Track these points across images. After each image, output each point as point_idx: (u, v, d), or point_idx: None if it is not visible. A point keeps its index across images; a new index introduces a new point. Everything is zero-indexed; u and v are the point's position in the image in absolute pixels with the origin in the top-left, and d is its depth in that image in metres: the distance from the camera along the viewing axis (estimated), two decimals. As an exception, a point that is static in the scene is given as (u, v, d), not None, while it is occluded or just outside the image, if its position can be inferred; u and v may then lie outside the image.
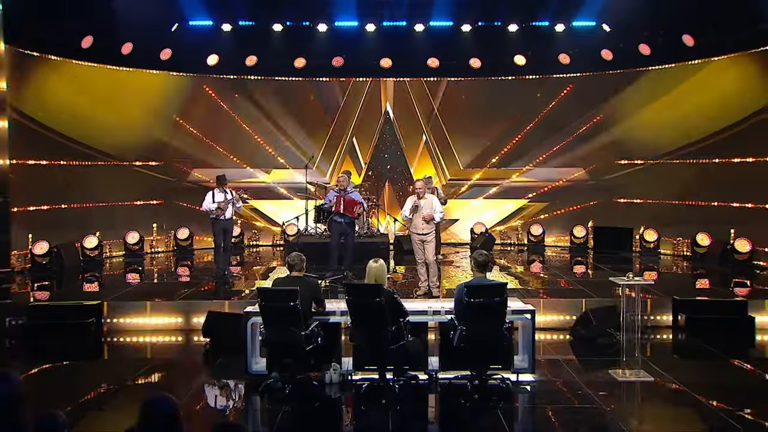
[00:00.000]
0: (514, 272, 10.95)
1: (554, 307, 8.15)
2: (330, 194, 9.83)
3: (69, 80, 12.21)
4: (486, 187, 14.69)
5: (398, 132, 14.74)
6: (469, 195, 14.80)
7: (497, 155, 14.54)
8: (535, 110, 14.22)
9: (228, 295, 8.93)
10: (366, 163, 14.57)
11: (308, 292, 5.84)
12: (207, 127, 14.00)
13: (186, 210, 13.39)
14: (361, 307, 5.62)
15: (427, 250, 8.39)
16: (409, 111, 14.67)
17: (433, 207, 8.40)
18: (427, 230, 8.36)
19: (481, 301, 5.49)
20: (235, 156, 14.27)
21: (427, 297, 8.32)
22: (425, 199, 8.42)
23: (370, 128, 14.73)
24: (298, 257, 6.01)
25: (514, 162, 14.52)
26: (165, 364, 6.98)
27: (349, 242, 9.66)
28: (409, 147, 14.76)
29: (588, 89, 13.76)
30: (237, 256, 12.60)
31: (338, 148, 14.65)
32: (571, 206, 14.38)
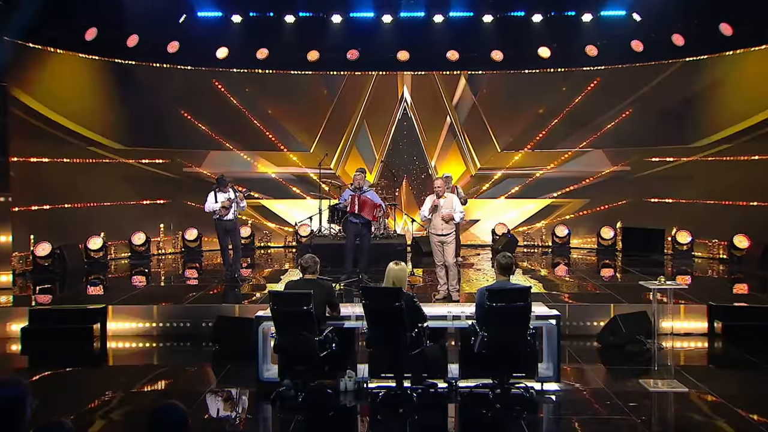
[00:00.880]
0: (538, 275, 10.90)
1: (581, 313, 8.12)
2: (345, 193, 9.84)
3: (73, 74, 12.37)
4: (516, 178, 14.54)
5: (418, 126, 14.75)
6: (491, 194, 14.77)
7: (519, 153, 14.54)
8: (560, 105, 14.18)
9: (238, 298, 8.98)
10: (381, 160, 14.58)
11: (322, 295, 5.83)
12: (216, 123, 14.13)
13: (194, 209, 13.46)
14: (378, 311, 5.62)
15: (447, 251, 8.39)
16: (428, 104, 14.69)
17: (453, 207, 8.39)
18: (446, 231, 8.36)
19: (503, 305, 5.47)
20: (244, 152, 14.40)
21: (447, 301, 8.32)
22: (445, 198, 8.42)
23: (385, 123, 14.77)
24: (312, 259, 6.00)
25: (536, 160, 14.50)
26: (172, 370, 7.01)
27: (365, 244, 9.65)
28: (429, 143, 14.78)
29: (617, 82, 13.68)
30: (247, 258, 12.73)
31: (347, 143, 14.69)
32: (599, 206, 14.30)
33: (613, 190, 14.06)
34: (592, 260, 12.89)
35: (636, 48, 13.36)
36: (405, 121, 14.81)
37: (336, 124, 14.61)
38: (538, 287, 9.47)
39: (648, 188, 13.66)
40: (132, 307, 8.37)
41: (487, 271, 11.11)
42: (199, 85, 13.81)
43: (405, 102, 14.73)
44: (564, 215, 14.51)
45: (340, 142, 14.70)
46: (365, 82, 14.62)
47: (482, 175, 14.73)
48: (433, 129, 14.76)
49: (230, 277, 9.91)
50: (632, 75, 13.50)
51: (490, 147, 14.65)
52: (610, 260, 12.80)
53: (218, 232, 9.84)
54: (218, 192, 9.71)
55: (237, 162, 14.27)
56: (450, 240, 8.40)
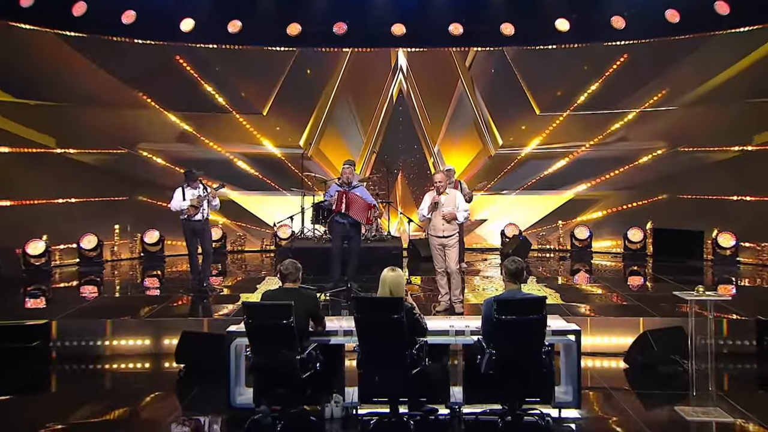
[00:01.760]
0: (555, 284, 10.93)
1: (605, 327, 8.10)
2: (331, 189, 9.86)
3: (7, 46, 12.22)
4: (541, 160, 14.57)
5: (417, 107, 14.76)
6: (504, 185, 14.74)
7: (535, 137, 14.59)
8: (580, 85, 14.22)
9: (207, 311, 8.99)
10: (373, 150, 14.61)
11: (305, 307, 5.84)
12: (181, 107, 14.11)
13: (156, 208, 13.50)
14: (373, 325, 5.62)
15: (449, 256, 8.40)
16: (429, 83, 14.71)
17: (456, 204, 8.40)
18: (448, 232, 8.37)
19: (514, 318, 5.48)
20: (214, 142, 14.39)
21: (449, 313, 8.35)
22: (446, 194, 8.43)
23: (374, 104, 14.80)
24: (293, 265, 6.00)
25: (554, 149, 14.56)
26: (128, 396, 6.90)
27: (354, 247, 9.67)
28: (432, 125, 14.79)
29: (647, 59, 13.71)
30: (218, 265, 12.75)
31: (321, 119, 14.67)
32: (625, 204, 14.34)
33: (642, 185, 14.12)
34: (618, 266, 12.91)
35: (671, 18, 13.39)
36: (400, 105, 14.85)
37: (305, 94, 14.57)
38: (554, 297, 9.47)
39: (684, 183, 13.69)
40: (81, 321, 8.30)
41: (495, 278, 11.13)
42: (161, 62, 13.78)
43: (401, 81, 14.78)
44: (587, 212, 14.55)
45: (311, 117, 14.70)
46: (352, 59, 14.62)
47: (503, 156, 14.69)
48: (436, 109, 14.77)
49: (198, 286, 9.89)
50: (666, 50, 13.53)
51: (518, 119, 14.54)
52: (639, 267, 12.85)
53: (185, 234, 9.82)
54: (187, 188, 9.71)
55: (209, 153, 14.28)
56: (453, 243, 8.40)
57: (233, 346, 6.22)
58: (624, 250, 13.86)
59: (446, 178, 8.60)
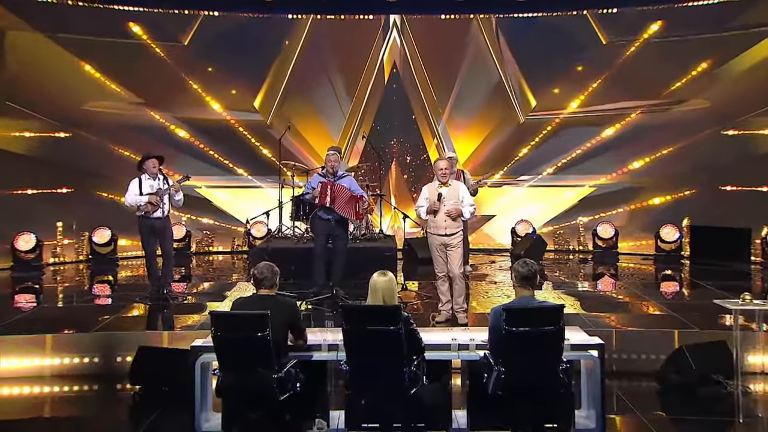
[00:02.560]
0: (574, 290, 10.98)
1: (633, 341, 8.08)
2: (313, 179, 9.87)
3: None
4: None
5: (417, 80, 14.78)
6: (523, 168, 14.75)
7: (551, 123, 14.65)
8: (603, 60, 14.26)
9: (168, 323, 8.95)
10: (364, 135, 14.56)
11: (283, 317, 5.81)
12: (133, 83, 14.08)
13: (107, 202, 13.49)
14: (365, 338, 5.59)
15: (452, 258, 8.41)
16: (433, 51, 14.71)
17: (461, 197, 8.41)
18: (451, 230, 8.38)
19: (526, 330, 5.45)
20: (175, 124, 14.44)
21: (450, 324, 8.35)
22: (450, 186, 8.43)
23: (357, 76, 14.83)
24: (269, 269, 6.00)
25: (575, 133, 14.60)
26: (74, 425, 6.83)
27: (340, 247, 9.69)
28: (440, 97, 14.83)
29: (685, 28, 13.70)
30: (181, 268, 12.77)
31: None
32: (657, 195, 14.39)
33: (677, 174, 14.13)
34: (649, 270, 12.96)
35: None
36: (394, 83, 14.87)
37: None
38: (574, 306, 9.51)
39: (727, 172, 13.71)
40: (15, 337, 8.16)
41: (504, 284, 11.08)
42: (111, 30, 13.75)
43: (395, 45, 14.79)
44: (612, 207, 14.56)
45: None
46: (336, 27, 14.62)
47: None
48: (442, 79, 14.76)
49: (158, 293, 9.82)
50: (708, 17, 13.53)
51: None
52: (674, 270, 12.87)
53: (142, 233, 9.77)
54: (144, 179, 9.68)
55: (169, 139, 14.25)
56: (456, 243, 8.41)
57: (199, 364, 6.17)
58: (656, 251, 13.89)
59: (450, 166, 8.58)
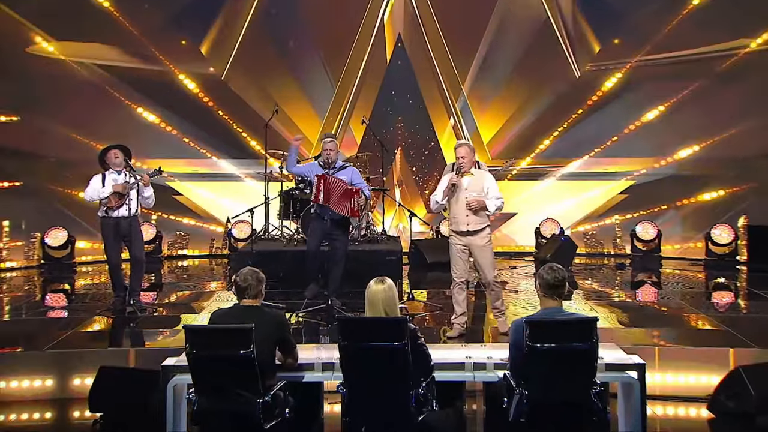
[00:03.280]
0: (610, 301, 10.95)
1: (680, 361, 8.00)
2: (311, 166, 9.90)
3: None
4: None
5: (431, 45, 14.78)
6: (545, 157, 14.77)
7: (578, 108, 14.69)
8: (640, 36, 14.29)
9: (135, 339, 8.91)
10: (364, 119, 14.47)
11: (269, 331, 5.82)
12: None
13: (64, 198, 13.49)
14: (366, 356, 5.60)
15: (481, 262, 8.42)
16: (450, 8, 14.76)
17: (485, 188, 8.35)
18: (475, 226, 8.31)
19: (553, 347, 5.47)
20: (145, 108, 14.50)
21: (465, 340, 8.32)
22: (472, 175, 8.40)
23: (357, 58, 14.88)
24: (253, 276, 6.00)
25: (605, 121, 14.62)
26: None
27: (339, 250, 9.65)
28: (450, 74, 14.83)
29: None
30: (151, 275, 12.76)
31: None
32: (705, 191, 14.36)
33: (731, 165, 14.09)
34: (698, 277, 12.89)
35: None
36: (400, 58, 14.88)
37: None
38: (609, 319, 9.46)
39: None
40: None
41: (527, 293, 10.98)
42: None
43: (398, 15, 14.85)
44: (650, 208, 14.57)
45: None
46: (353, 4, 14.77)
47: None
48: (463, 41, 14.80)
49: (123, 305, 9.74)
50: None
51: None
52: (728, 278, 12.81)
53: (105, 234, 9.71)
54: (108, 174, 9.63)
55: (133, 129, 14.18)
56: (483, 242, 8.36)
57: (171, 387, 6.17)
58: (706, 255, 13.86)
59: (471, 153, 8.45)
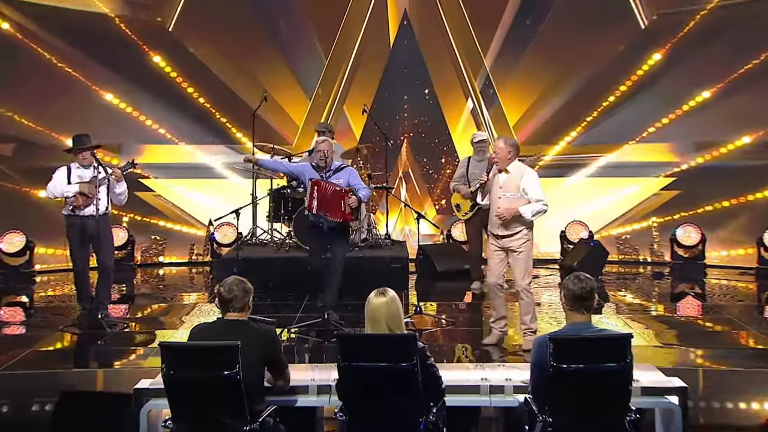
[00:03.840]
0: (646, 315, 10.95)
1: (727, 385, 8.01)
2: (305, 168, 9.93)
3: None
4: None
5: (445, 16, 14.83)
6: (581, 143, 14.88)
7: (606, 96, 14.75)
8: (670, 26, 14.35)
9: (103, 358, 8.91)
10: (365, 108, 14.39)
11: (258, 350, 5.81)
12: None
13: (20, 197, 13.50)
14: (370, 378, 5.61)
15: (514, 266, 8.58)
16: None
17: (522, 188, 8.45)
18: (511, 230, 8.49)
19: (581, 368, 5.47)
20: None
21: (498, 350, 8.51)
22: (507, 172, 8.51)
23: (362, 35, 14.99)
24: (239, 286, 5.99)
25: (636, 113, 14.68)
26: None
27: (336, 258, 9.74)
28: (468, 52, 14.90)
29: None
30: (122, 285, 12.79)
31: None
32: (759, 189, 14.39)
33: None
34: (748, 288, 12.94)
35: None
36: (405, 38, 14.96)
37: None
38: (645, 336, 9.44)
39: None
40: None
41: (552, 306, 11.02)
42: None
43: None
44: (697, 201, 14.52)
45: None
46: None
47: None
48: (482, 13, 14.94)
49: (90, 319, 9.78)
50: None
51: None
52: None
53: (71, 237, 9.72)
54: (75, 167, 9.64)
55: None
56: (522, 246, 8.53)
57: (144, 413, 6.23)
58: (758, 262, 13.89)
59: (508, 148, 8.51)
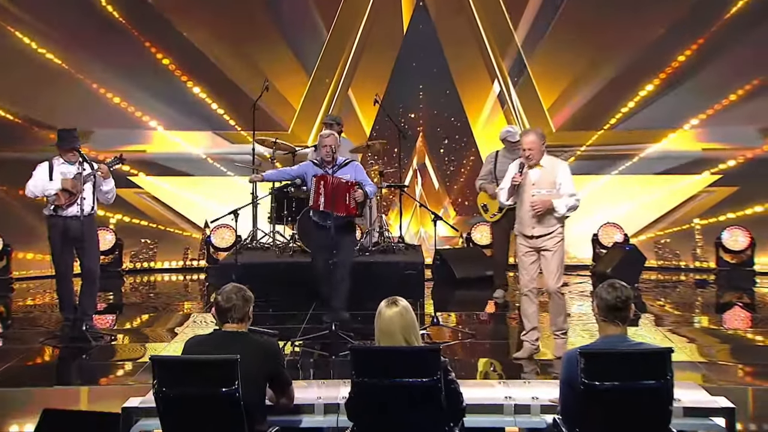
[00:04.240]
0: (688, 327, 10.93)
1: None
2: (305, 167, 10.00)
3: None
4: None
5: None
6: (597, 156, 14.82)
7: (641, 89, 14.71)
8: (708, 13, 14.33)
9: (89, 374, 8.96)
10: (377, 98, 14.35)
11: (259, 364, 5.84)
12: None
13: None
14: (387, 397, 5.64)
15: (546, 268, 8.76)
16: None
17: (557, 183, 8.62)
18: (544, 229, 8.66)
19: (615, 385, 5.47)
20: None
21: (532, 362, 8.69)
22: (541, 167, 8.62)
23: (376, 25, 15.06)
24: (238, 294, 5.99)
25: (679, 100, 14.65)
26: None
27: (344, 261, 9.84)
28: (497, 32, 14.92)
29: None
30: (109, 293, 12.87)
31: None
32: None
33: None
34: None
35: None
36: (421, 22, 15.00)
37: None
38: (687, 351, 9.46)
39: None
40: None
41: (582, 317, 11.07)
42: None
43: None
44: (744, 201, 14.50)
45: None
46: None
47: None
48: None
49: (73, 330, 9.79)
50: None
51: None
52: None
53: (53, 239, 9.74)
54: (57, 163, 9.67)
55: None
56: (555, 245, 8.72)
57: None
58: (816, 270, 13.87)
59: (540, 142, 8.63)
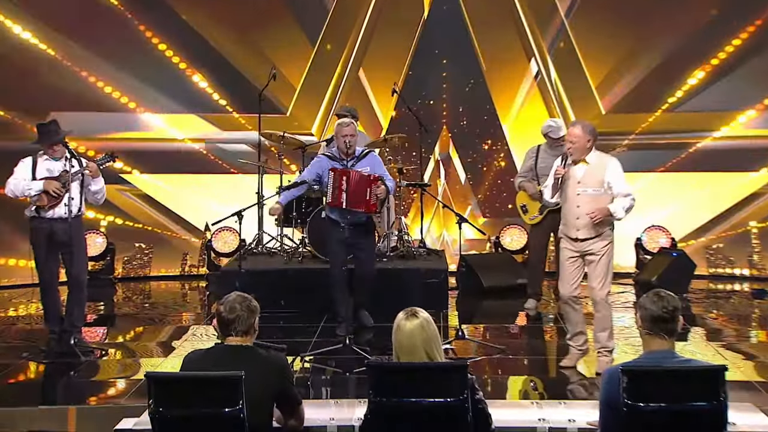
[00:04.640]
0: (744, 342, 10.97)
1: None
2: (320, 164, 10.19)
3: None
4: None
5: None
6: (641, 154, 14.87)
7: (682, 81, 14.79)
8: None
9: (76, 392, 9.04)
10: (395, 88, 14.43)
11: (265, 382, 5.83)
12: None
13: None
14: (408, 418, 5.66)
15: (592, 273, 8.89)
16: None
17: (607, 182, 8.69)
18: (592, 232, 8.77)
19: (661, 407, 5.45)
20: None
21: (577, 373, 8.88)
22: (587, 163, 8.75)
23: (394, 20, 15.17)
24: (243, 305, 5.96)
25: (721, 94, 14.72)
26: None
27: (366, 264, 10.25)
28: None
29: None
30: (100, 303, 13.09)
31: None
32: None
33: None
34: None
35: None
36: (445, 2, 15.12)
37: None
38: (742, 369, 9.52)
39: None
40: None
41: (624, 330, 10.97)
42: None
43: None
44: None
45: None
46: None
47: None
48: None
49: (60, 344, 9.85)
50: None
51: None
52: None
53: (36, 242, 9.81)
54: (41, 159, 9.73)
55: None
56: (603, 249, 8.80)
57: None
58: None
59: (587, 136, 8.72)
